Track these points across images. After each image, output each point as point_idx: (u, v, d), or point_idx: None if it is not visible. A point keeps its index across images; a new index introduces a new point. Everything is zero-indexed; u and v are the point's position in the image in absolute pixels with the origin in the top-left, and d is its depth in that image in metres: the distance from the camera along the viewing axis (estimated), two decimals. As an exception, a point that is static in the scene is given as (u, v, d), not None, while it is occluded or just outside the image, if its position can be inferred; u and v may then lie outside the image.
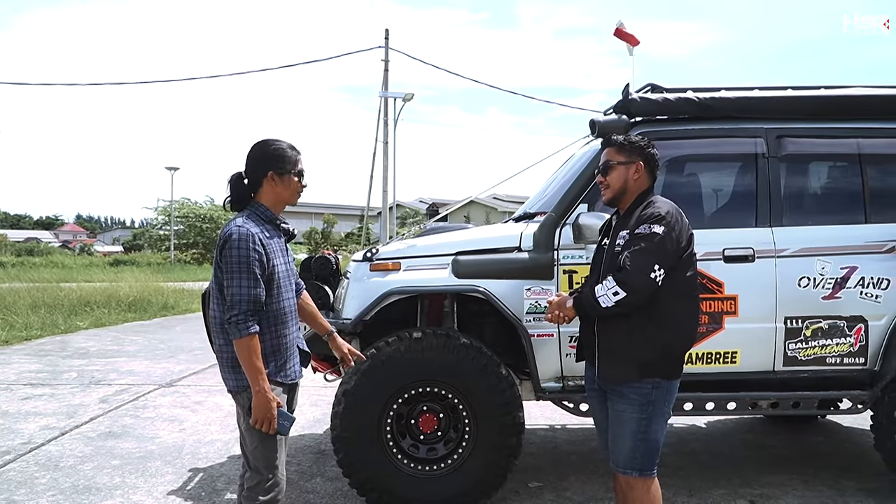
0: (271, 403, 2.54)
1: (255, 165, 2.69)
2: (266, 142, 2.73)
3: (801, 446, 5.12)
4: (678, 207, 2.80)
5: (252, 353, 2.50)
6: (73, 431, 5.35)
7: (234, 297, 2.49)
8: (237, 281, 2.50)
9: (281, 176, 2.68)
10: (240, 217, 2.62)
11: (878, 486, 4.19)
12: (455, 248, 3.84)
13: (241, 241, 2.51)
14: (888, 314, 3.79)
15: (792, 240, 3.81)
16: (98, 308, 13.38)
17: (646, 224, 2.68)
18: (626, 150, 2.87)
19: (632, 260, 2.65)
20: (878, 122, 3.99)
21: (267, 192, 2.69)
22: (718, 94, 3.95)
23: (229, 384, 2.68)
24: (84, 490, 4.11)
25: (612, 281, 2.66)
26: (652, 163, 2.87)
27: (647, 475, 2.77)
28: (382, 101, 20.34)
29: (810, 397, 3.87)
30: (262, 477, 2.64)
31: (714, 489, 4.18)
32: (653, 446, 2.76)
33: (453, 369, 3.65)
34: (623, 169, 2.85)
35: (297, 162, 2.73)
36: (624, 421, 2.76)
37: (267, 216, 2.68)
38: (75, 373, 7.72)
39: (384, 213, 20.97)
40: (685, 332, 2.79)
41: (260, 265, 2.54)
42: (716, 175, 4.44)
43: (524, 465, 4.42)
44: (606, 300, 2.65)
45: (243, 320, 2.48)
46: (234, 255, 2.51)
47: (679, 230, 2.70)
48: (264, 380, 2.53)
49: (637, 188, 2.85)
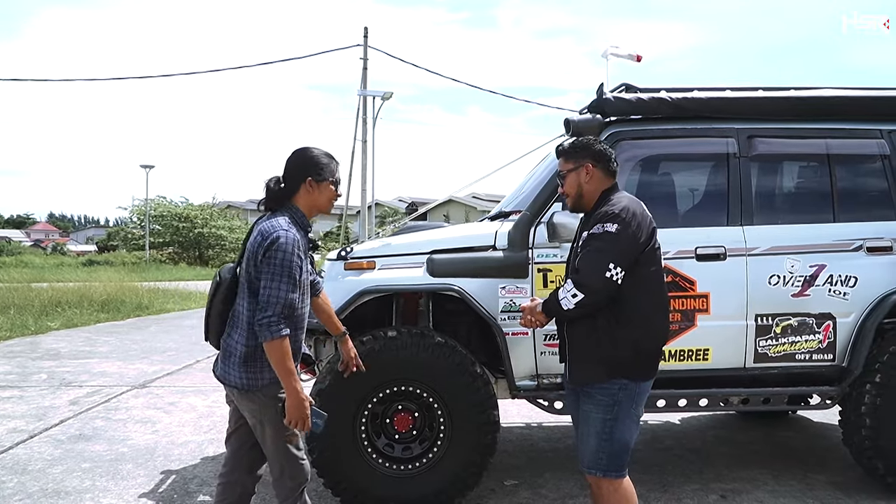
0: (305, 402, 2.57)
1: (293, 171, 2.72)
2: (306, 149, 2.76)
3: (771, 441, 5.19)
4: (640, 202, 2.80)
5: (284, 355, 2.52)
6: (42, 434, 5.27)
7: (270, 298, 2.51)
8: (277, 283, 2.52)
9: (318, 183, 2.71)
10: (281, 218, 2.63)
11: (846, 480, 4.26)
12: (430, 247, 3.84)
13: (287, 245, 2.53)
14: (855, 311, 3.86)
15: (762, 238, 3.86)
16: (70, 308, 13.20)
17: (600, 223, 2.69)
18: (571, 155, 2.89)
19: (587, 261, 2.67)
20: (846, 122, 4.06)
21: (303, 197, 2.71)
22: (691, 95, 3.99)
23: (237, 381, 2.65)
24: (53, 494, 4.05)
25: (571, 283, 2.68)
26: (602, 160, 2.86)
27: (612, 476, 2.75)
28: (361, 100, 20.29)
29: (780, 393, 3.93)
30: (283, 469, 2.71)
31: (687, 484, 4.23)
32: (618, 447, 2.74)
33: (428, 368, 3.64)
34: (574, 175, 2.87)
35: (335, 170, 2.77)
36: (590, 421, 2.77)
37: (303, 222, 2.71)
38: (45, 374, 7.61)
39: (363, 212, 20.92)
40: (654, 330, 2.78)
41: (300, 271, 2.59)
42: (688, 174, 4.48)
43: (500, 464, 4.44)
44: (567, 303, 2.66)
45: (276, 322, 2.50)
46: (279, 257, 2.52)
47: (637, 226, 2.69)
48: (297, 380, 2.56)
49: (594, 189, 2.86)
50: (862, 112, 4.06)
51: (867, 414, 3.82)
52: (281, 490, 2.75)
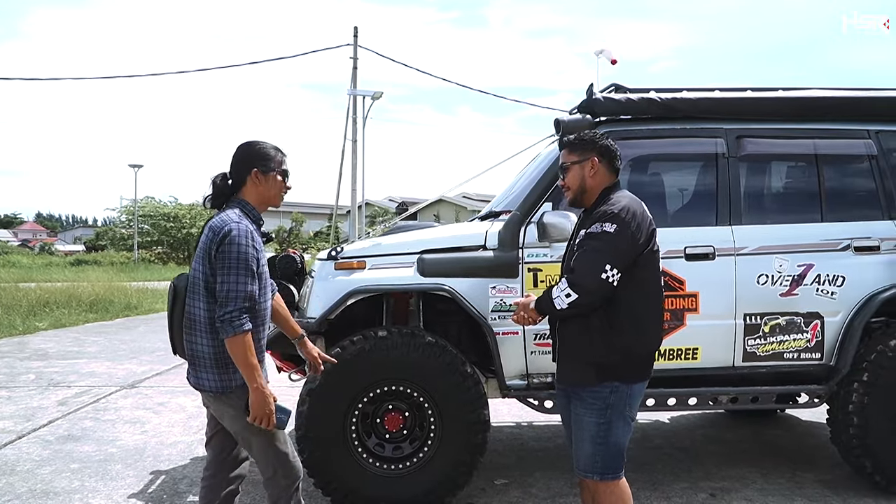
0: (269, 399, 2.52)
1: (239, 164, 2.67)
2: (251, 142, 2.72)
3: (760, 440, 5.22)
4: (640, 203, 2.72)
5: (247, 350, 2.47)
6: (30, 435, 5.24)
7: (230, 293, 2.45)
8: (234, 277, 2.46)
9: (265, 174, 2.65)
10: (232, 212, 2.57)
11: (834, 478, 4.30)
12: (420, 247, 3.84)
13: (241, 237, 2.48)
14: (843, 310, 3.89)
15: (751, 238, 3.89)
16: (58, 308, 13.13)
17: (598, 222, 2.61)
18: (578, 147, 2.80)
19: (583, 260, 2.60)
20: (834, 123, 4.09)
21: (251, 190, 2.66)
22: (680, 95, 4.02)
23: (211, 385, 2.58)
24: (41, 494, 4.03)
25: (565, 282, 2.60)
26: (608, 155, 2.78)
27: (608, 479, 2.69)
28: (351, 100, 20.27)
29: (768, 392, 3.95)
30: (276, 469, 2.67)
31: (676, 482, 4.24)
32: (614, 450, 2.68)
33: (419, 368, 3.65)
34: (578, 168, 2.78)
35: (282, 162, 2.71)
36: (583, 425, 2.70)
37: (254, 215, 2.65)
38: (33, 375, 7.56)
39: (353, 212, 20.89)
40: (647, 334, 2.71)
41: (256, 262, 2.53)
42: (678, 174, 4.51)
43: (490, 463, 4.45)
44: (560, 302, 2.59)
45: (238, 316, 2.44)
46: (233, 250, 2.47)
47: (636, 226, 2.61)
48: (260, 376, 2.51)
49: (597, 185, 2.77)
50: (850, 112, 4.09)
51: (855, 412, 3.84)
52: (274, 489, 2.72)
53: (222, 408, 2.64)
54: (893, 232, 3.95)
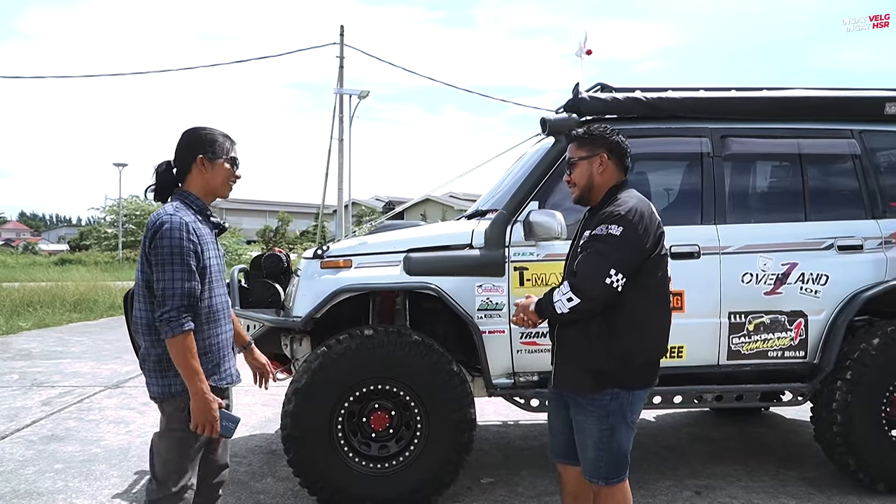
0: (212, 405, 2.36)
1: (184, 150, 2.52)
2: (197, 127, 2.57)
3: (744, 438, 5.25)
4: (649, 203, 2.61)
5: (187, 352, 2.30)
6: (13, 435, 5.19)
7: (166, 291, 2.30)
8: (170, 274, 2.30)
9: (212, 161, 2.50)
10: (169, 205, 2.43)
11: (818, 476, 4.33)
12: (407, 246, 3.84)
13: (173, 231, 2.32)
14: (827, 309, 3.92)
15: (736, 237, 3.91)
16: (42, 308, 13.02)
17: (604, 224, 2.49)
18: (586, 143, 2.68)
19: (586, 264, 2.48)
20: (818, 122, 4.12)
21: (196, 179, 2.50)
22: (665, 94, 4.04)
23: (154, 390, 2.44)
24: (25, 494, 3.99)
25: (567, 286, 2.49)
26: (618, 152, 2.66)
27: (613, 483, 2.63)
28: (338, 98, 20.26)
29: (753, 390, 3.98)
30: (169, 491, 2.42)
31: (661, 480, 4.26)
32: (617, 455, 2.61)
33: (405, 367, 3.64)
34: (586, 164, 2.66)
35: (230, 149, 2.56)
36: (586, 432, 2.61)
37: (197, 205, 2.49)
38: (17, 375, 7.49)
39: (340, 211, 20.85)
40: (649, 342, 2.59)
41: (195, 256, 2.36)
42: (663, 173, 4.52)
43: (477, 462, 4.45)
44: (561, 306, 2.48)
45: (176, 316, 2.29)
46: (166, 245, 2.31)
47: (644, 229, 2.49)
48: (202, 380, 2.34)
49: (605, 182, 2.65)
50: (833, 112, 4.13)
51: (838, 410, 3.87)
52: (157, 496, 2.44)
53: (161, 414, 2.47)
54: (876, 231, 3.99)
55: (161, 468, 2.45)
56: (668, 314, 2.66)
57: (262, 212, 58.45)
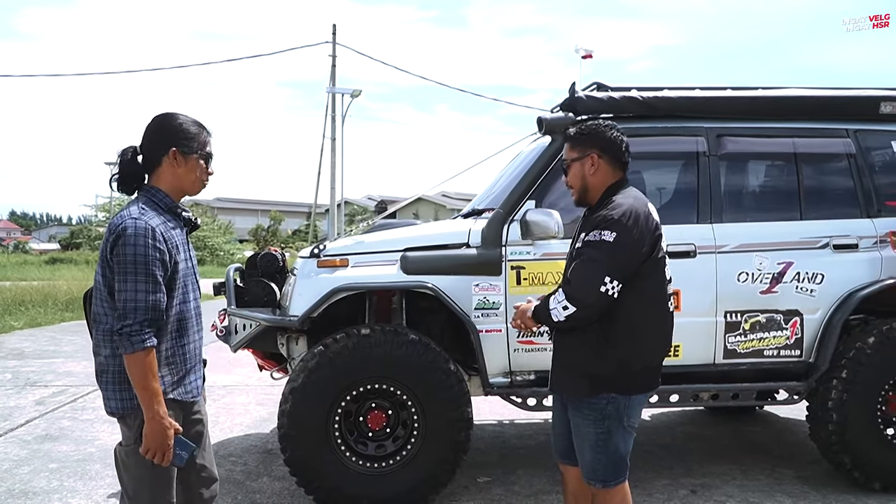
0: (168, 431, 2.15)
1: (155, 140, 2.28)
2: (171, 115, 2.32)
3: (740, 437, 5.27)
4: (646, 204, 2.55)
5: (147, 371, 2.10)
6: (7, 435, 5.16)
7: (127, 303, 2.10)
8: (132, 285, 2.10)
9: (186, 156, 2.27)
10: (133, 206, 2.20)
11: (814, 474, 4.34)
12: (403, 245, 3.83)
13: (137, 238, 2.11)
14: (822, 308, 3.93)
15: (731, 236, 3.92)
16: (34, 307, 12.96)
17: (597, 229, 2.43)
18: (578, 143, 2.60)
19: (580, 272, 2.43)
20: (813, 122, 4.13)
21: (166, 174, 2.28)
22: (661, 94, 4.04)
23: (112, 405, 2.23)
24: (20, 494, 3.97)
25: (562, 294, 2.45)
26: (612, 149, 2.57)
27: (611, 485, 2.60)
28: (330, 97, 20.26)
29: (748, 389, 3.98)
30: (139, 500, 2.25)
31: (657, 479, 4.27)
32: (614, 458, 2.57)
33: (402, 366, 3.63)
34: (578, 165, 2.60)
35: (206, 143, 2.34)
36: (582, 434, 2.59)
37: (166, 203, 2.27)
38: (10, 374, 7.44)
39: (332, 211, 20.83)
40: (647, 347, 2.54)
41: (162, 265, 2.15)
42: (659, 172, 4.53)
43: (473, 461, 4.45)
44: (557, 314, 2.44)
45: (138, 331, 2.09)
46: (129, 253, 2.10)
47: (639, 234, 2.42)
48: (160, 403, 2.13)
49: (599, 182, 2.58)
50: (828, 111, 4.14)
51: (834, 409, 3.88)
52: None
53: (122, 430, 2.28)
54: (872, 230, 4.00)
55: (135, 485, 2.27)
56: (669, 317, 2.62)
57: (254, 211, 58.37)
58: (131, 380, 2.13)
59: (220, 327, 4.14)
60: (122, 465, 2.31)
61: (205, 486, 2.47)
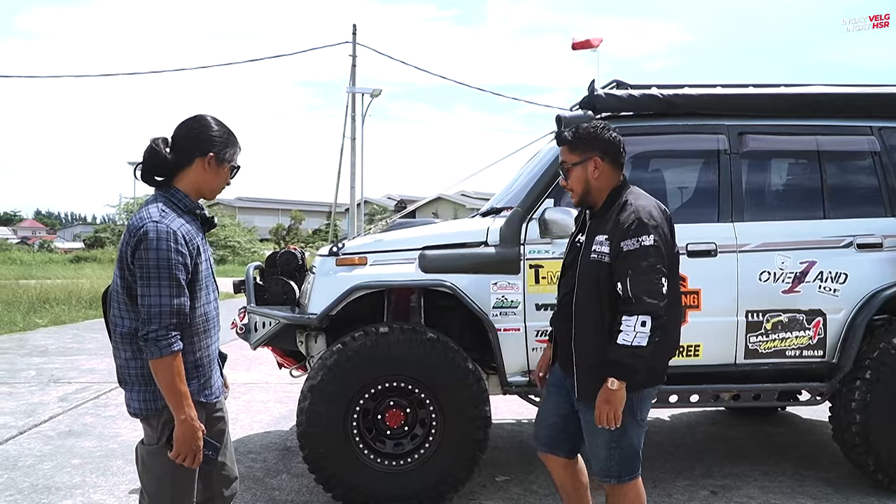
0: (198, 433, 2.17)
1: (192, 142, 2.26)
2: (209, 119, 2.31)
3: (760, 438, 5.21)
4: (655, 201, 2.61)
5: (175, 375, 2.11)
6: (31, 430, 5.23)
7: (152, 308, 2.09)
8: (157, 290, 2.09)
9: (220, 163, 2.29)
10: (153, 207, 2.19)
11: (837, 476, 4.28)
12: (422, 243, 3.83)
13: (160, 242, 2.10)
14: (846, 308, 3.87)
15: (753, 235, 3.88)
16: (58, 305, 13.14)
17: (633, 238, 2.45)
18: (578, 146, 2.62)
19: (639, 284, 2.41)
20: (837, 119, 4.07)
21: (193, 175, 2.27)
22: (682, 91, 4.01)
23: (135, 406, 2.24)
24: (43, 489, 4.03)
25: (631, 318, 2.40)
26: (612, 151, 2.60)
27: (626, 480, 2.63)
28: (350, 97, 20.30)
29: (771, 389, 3.94)
30: None
31: (677, 480, 4.24)
32: (629, 453, 2.62)
33: (420, 364, 3.64)
34: (580, 169, 2.61)
35: (236, 154, 2.36)
36: (596, 432, 2.59)
37: (186, 205, 2.26)
38: (34, 371, 7.55)
39: (352, 210, 20.90)
40: (670, 341, 2.64)
41: (184, 269, 2.15)
42: (679, 171, 4.50)
43: (491, 459, 4.44)
44: (644, 337, 2.39)
45: (164, 336, 2.09)
46: (152, 257, 2.09)
47: (668, 229, 2.54)
48: (190, 406, 2.15)
49: (604, 185, 2.62)
50: (852, 109, 4.08)
51: (857, 410, 3.83)
52: None
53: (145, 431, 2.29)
54: (896, 229, 3.94)
55: (156, 485, 2.28)
56: (681, 312, 2.72)
57: (275, 210, 58.72)
58: (159, 385, 2.14)
59: (240, 325, 4.18)
60: (143, 464, 2.32)
61: (225, 485, 2.49)
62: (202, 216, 2.34)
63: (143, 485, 2.35)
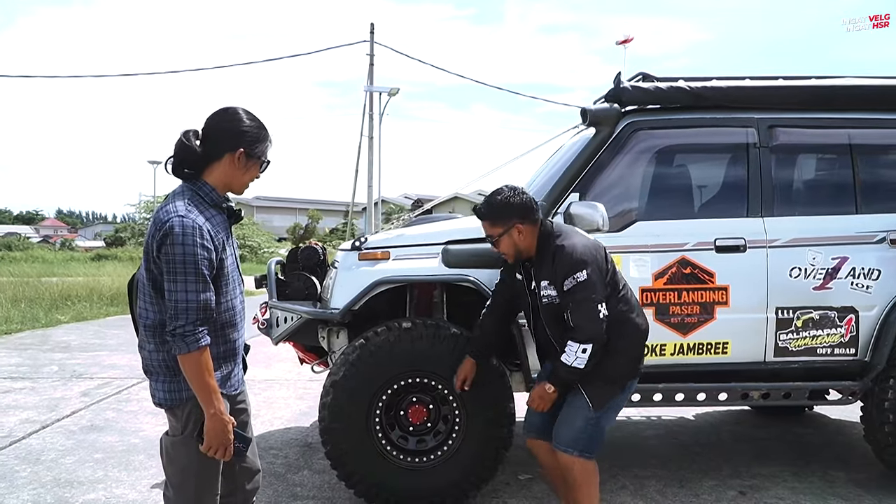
0: (228, 426, 2.18)
1: (224, 135, 2.24)
2: (243, 113, 2.27)
3: (789, 438, 5.12)
4: (580, 232, 3.03)
5: (203, 370, 2.11)
6: (54, 425, 5.25)
7: (179, 304, 2.08)
8: (183, 285, 2.08)
9: (249, 159, 2.26)
10: (179, 201, 2.17)
11: (868, 477, 4.19)
12: (445, 238, 3.78)
13: (186, 237, 2.08)
14: (879, 305, 3.78)
15: (783, 230, 3.79)
16: (79, 302, 13.26)
17: (570, 276, 2.83)
18: (498, 219, 2.97)
19: (580, 315, 2.84)
20: (869, 112, 3.98)
21: (224, 169, 2.25)
22: (710, 84, 3.93)
23: (160, 396, 2.25)
24: (66, 483, 4.03)
25: (574, 344, 2.84)
26: (528, 212, 2.95)
27: (586, 456, 2.96)
28: (367, 96, 20.29)
29: (801, 388, 3.85)
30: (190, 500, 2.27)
31: (704, 480, 4.16)
32: (600, 434, 3.00)
33: (443, 360, 3.58)
34: (507, 238, 2.97)
35: (267, 151, 2.33)
36: (578, 407, 2.96)
37: (212, 198, 2.24)
38: (56, 366, 7.60)
39: (369, 209, 20.89)
40: (640, 334, 3.03)
41: (209, 264, 2.14)
42: (707, 165, 4.41)
43: (515, 457, 4.38)
44: (581, 361, 2.83)
45: (192, 331, 2.09)
46: (178, 252, 2.08)
47: (599, 258, 2.91)
48: (219, 400, 2.16)
49: (531, 241, 2.99)
50: (886, 101, 3.98)
51: (890, 410, 3.75)
52: None
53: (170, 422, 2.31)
54: (931, 225, 3.83)
55: (181, 476, 2.29)
56: (643, 315, 3.07)
57: (292, 209, 59.02)
58: (188, 379, 2.14)
59: (262, 320, 4.16)
60: (167, 455, 2.32)
61: (247, 478, 2.48)
62: (229, 209, 2.33)
63: (168, 476, 2.34)
